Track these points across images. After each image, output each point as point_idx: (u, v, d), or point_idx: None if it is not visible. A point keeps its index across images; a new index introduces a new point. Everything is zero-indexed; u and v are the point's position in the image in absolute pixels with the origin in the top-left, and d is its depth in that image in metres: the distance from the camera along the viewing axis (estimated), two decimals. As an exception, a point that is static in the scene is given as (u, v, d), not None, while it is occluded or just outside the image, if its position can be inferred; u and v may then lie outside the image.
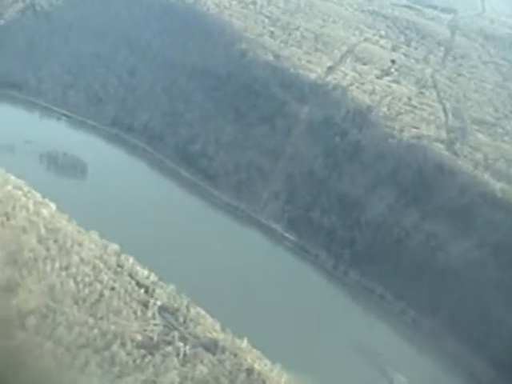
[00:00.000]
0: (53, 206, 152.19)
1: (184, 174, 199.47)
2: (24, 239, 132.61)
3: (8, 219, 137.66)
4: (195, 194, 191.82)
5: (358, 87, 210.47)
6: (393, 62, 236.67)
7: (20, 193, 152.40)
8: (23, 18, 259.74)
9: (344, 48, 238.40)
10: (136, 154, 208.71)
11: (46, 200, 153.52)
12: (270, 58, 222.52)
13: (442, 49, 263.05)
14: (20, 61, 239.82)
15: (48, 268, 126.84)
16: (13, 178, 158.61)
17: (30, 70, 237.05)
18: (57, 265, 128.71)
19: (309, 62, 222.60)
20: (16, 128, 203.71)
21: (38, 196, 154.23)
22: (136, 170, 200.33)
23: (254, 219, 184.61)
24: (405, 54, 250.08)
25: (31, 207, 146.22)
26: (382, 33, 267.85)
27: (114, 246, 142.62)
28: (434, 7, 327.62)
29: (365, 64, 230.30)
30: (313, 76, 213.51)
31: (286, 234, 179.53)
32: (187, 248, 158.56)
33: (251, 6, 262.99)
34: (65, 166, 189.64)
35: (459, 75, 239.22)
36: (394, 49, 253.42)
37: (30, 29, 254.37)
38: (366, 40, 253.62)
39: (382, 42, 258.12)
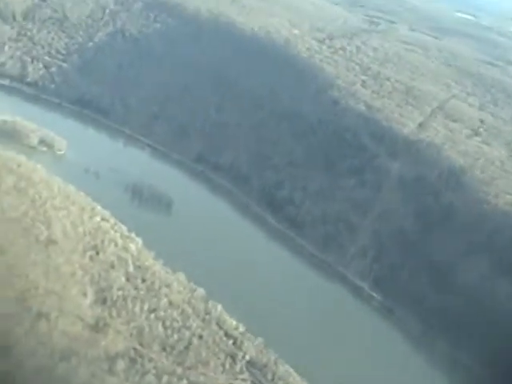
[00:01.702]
0: (139, 241, 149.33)
1: (270, 220, 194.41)
2: (113, 276, 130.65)
3: (97, 253, 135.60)
4: (281, 243, 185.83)
5: (451, 147, 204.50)
6: (481, 121, 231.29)
7: (108, 225, 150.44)
8: (112, 41, 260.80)
9: (434, 103, 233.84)
10: (221, 194, 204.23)
11: (133, 234, 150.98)
12: (362, 108, 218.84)
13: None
14: (108, 85, 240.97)
15: (137, 309, 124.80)
16: (99, 207, 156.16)
17: (118, 95, 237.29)
18: (146, 306, 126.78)
19: (400, 115, 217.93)
20: (101, 155, 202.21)
21: (125, 229, 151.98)
22: (221, 212, 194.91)
23: (340, 274, 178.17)
24: (492, 114, 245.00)
25: (119, 241, 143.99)
26: (469, 90, 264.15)
27: (201, 291, 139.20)
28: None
29: (455, 121, 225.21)
30: (405, 131, 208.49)
31: (373, 293, 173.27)
32: (271, 298, 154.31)
33: (341, 52, 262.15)
34: (149, 199, 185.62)
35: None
36: (481, 108, 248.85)
37: (119, 54, 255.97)
38: (454, 96, 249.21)
39: (470, 99, 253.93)
